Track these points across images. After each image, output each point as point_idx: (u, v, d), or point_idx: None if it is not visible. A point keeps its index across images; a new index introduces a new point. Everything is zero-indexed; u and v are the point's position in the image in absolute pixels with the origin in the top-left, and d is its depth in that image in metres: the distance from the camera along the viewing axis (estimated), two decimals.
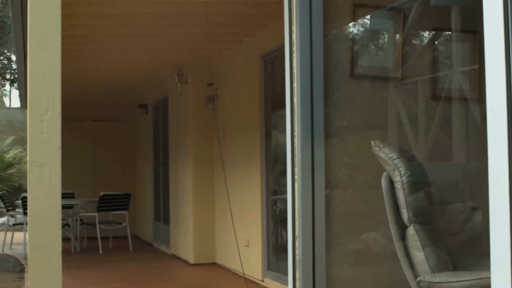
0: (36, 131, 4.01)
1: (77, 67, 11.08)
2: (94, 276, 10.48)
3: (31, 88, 4.06)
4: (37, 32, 4.08)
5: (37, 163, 4.00)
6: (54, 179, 4.00)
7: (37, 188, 3.99)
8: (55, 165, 4.01)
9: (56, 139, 4.02)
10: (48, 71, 4.03)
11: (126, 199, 13.79)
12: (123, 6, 8.03)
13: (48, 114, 4.00)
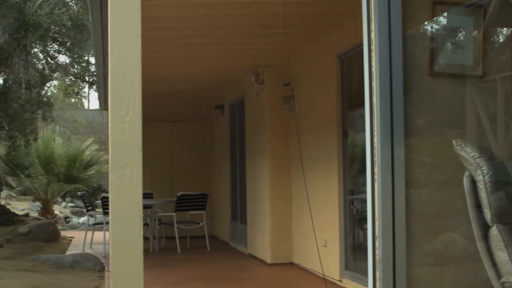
0: (117, 132, 4.07)
1: (155, 68, 11.21)
2: (172, 275, 10.59)
3: (112, 90, 4.12)
4: (118, 35, 4.15)
5: (118, 163, 4.06)
6: (135, 179, 4.06)
7: (119, 188, 4.06)
8: (136, 166, 4.06)
9: (137, 140, 4.07)
10: (128, 73, 4.09)
11: (204, 199, 13.89)
12: (200, 7, 8.09)
13: (129, 115, 4.06)
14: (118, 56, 4.11)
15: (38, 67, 16.83)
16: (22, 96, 17.06)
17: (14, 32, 14.94)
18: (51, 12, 14.52)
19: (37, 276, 10.75)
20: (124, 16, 4.13)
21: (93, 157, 23.40)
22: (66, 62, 17.86)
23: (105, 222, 13.33)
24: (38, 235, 15.62)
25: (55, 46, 17.27)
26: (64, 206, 28.26)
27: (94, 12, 7.84)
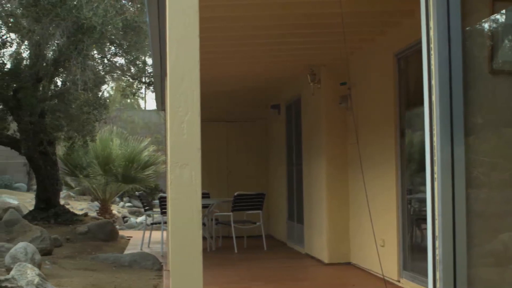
0: (176, 133, 4.10)
1: (211, 69, 11.28)
2: (230, 275, 10.63)
3: (171, 91, 4.15)
4: (176, 36, 4.18)
5: (177, 163, 4.08)
6: (194, 179, 4.08)
7: (178, 188, 4.08)
8: (195, 166, 4.09)
9: (195, 140, 4.10)
10: (187, 74, 4.12)
11: (260, 198, 13.92)
12: (256, 8, 8.11)
13: (188, 115, 4.09)
14: (177, 57, 4.14)
15: (95, 69, 17.04)
16: (80, 97, 17.30)
17: (71, 35, 15.16)
18: (105, 15, 14.69)
19: (96, 275, 10.88)
20: (182, 17, 4.15)
21: (151, 158, 23.62)
22: (123, 64, 18.03)
23: (162, 221, 13.45)
24: (97, 234, 15.83)
25: (112, 48, 17.47)
26: (122, 206, 28.60)
27: (151, 14, 7.92)
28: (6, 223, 13.69)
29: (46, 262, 11.52)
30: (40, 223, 15.94)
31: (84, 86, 15.65)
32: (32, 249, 10.27)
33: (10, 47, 17.57)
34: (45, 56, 16.27)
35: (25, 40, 16.46)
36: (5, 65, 17.53)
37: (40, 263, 10.29)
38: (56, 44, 15.38)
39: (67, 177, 24.11)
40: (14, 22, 16.44)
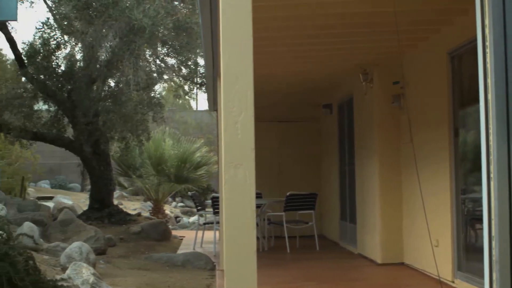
0: (230, 133, 4.12)
1: (264, 68, 11.29)
2: (282, 275, 10.62)
3: (225, 91, 4.17)
4: (229, 37, 4.19)
5: (232, 163, 4.10)
6: (248, 179, 4.09)
7: (232, 188, 4.10)
8: (249, 166, 4.10)
9: (249, 140, 4.11)
10: (240, 74, 4.13)
11: (313, 198, 13.89)
12: (309, 7, 8.09)
13: (241, 116, 4.10)
14: (230, 57, 4.16)
15: (148, 70, 17.18)
16: (134, 98, 17.47)
17: (124, 36, 15.31)
18: (155, 16, 14.81)
19: (150, 275, 10.98)
20: (235, 18, 4.17)
21: (203, 158, 23.74)
22: (175, 64, 18.15)
23: (215, 221, 13.50)
24: (150, 234, 15.97)
25: (164, 49, 17.60)
26: (175, 206, 28.81)
27: (203, 14, 7.95)
28: (61, 223, 13.88)
29: (100, 261, 11.66)
30: (94, 223, 16.14)
31: (136, 87, 15.79)
32: (86, 248, 10.40)
33: (64, 49, 17.84)
34: (98, 58, 16.46)
35: (78, 42, 16.68)
36: (59, 67, 17.79)
37: (95, 263, 10.42)
38: (108, 46, 15.54)
39: (120, 178, 24.37)
40: (67, 24, 16.66)
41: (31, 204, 16.29)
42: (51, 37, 17.39)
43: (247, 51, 4.16)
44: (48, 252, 11.34)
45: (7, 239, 6.49)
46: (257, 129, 4.22)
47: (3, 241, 6.41)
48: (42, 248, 11.31)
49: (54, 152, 30.57)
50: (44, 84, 17.45)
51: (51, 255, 11.16)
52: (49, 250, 11.45)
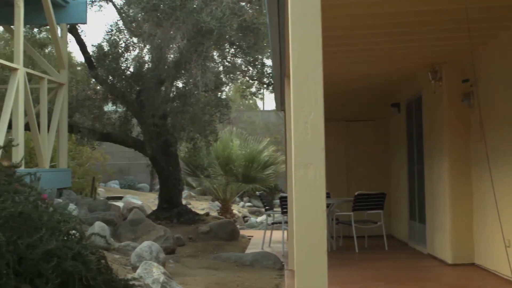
0: (300, 133, 4.11)
1: (332, 68, 11.25)
2: (352, 275, 10.58)
3: (294, 91, 4.17)
4: (298, 36, 4.19)
5: (302, 163, 4.10)
6: (319, 179, 4.08)
7: (302, 188, 4.09)
8: (319, 166, 4.09)
9: (319, 140, 4.10)
10: (310, 73, 4.13)
11: (381, 198, 13.80)
12: (378, 6, 8.04)
13: (311, 115, 4.09)
14: (299, 57, 4.15)
15: (215, 71, 17.29)
16: (201, 98, 17.59)
17: (191, 38, 15.44)
18: (222, 18, 14.89)
19: (219, 274, 11.04)
20: (305, 17, 4.16)
21: (270, 158, 23.78)
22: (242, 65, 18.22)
23: (283, 221, 13.51)
24: (219, 234, 16.06)
25: (232, 50, 17.69)
26: (242, 205, 28.93)
27: (271, 14, 7.97)
28: (131, 223, 14.06)
29: (169, 260, 11.77)
30: (163, 223, 16.31)
31: (205, 88, 15.90)
32: (156, 248, 10.51)
33: (132, 51, 18.09)
34: (166, 59, 16.63)
35: (146, 44, 16.87)
36: (128, 68, 18.04)
37: (164, 262, 10.52)
38: (176, 47, 15.69)
39: (188, 178, 24.58)
40: (136, 26, 16.88)
41: (102, 204, 16.53)
42: (119, 39, 17.65)
43: (316, 51, 4.15)
44: (119, 251, 11.50)
45: (80, 238, 6.58)
46: (325, 129, 4.21)
47: (76, 240, 6.51)
48: (113, 248, 11.47)
49: (123, 152, 31.04)
50: (113, 85, 17.72)
51: (122, 254, 11.31)
52: (120, 249, 11.60)
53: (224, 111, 18.18)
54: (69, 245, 6.17)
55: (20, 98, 14.62)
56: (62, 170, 17.27)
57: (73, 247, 6.17)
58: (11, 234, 6.00)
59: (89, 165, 27.14)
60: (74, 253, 6.12)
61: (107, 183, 33.03)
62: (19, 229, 6.14)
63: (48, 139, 16.58)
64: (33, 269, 5.95)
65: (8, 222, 6.01)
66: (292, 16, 4.22)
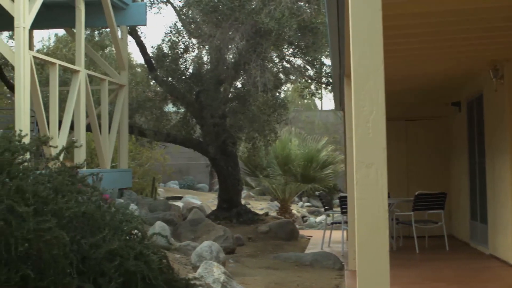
0: (361, 132, 4.11)
1: (392, 67, 11.17)
2: (411, 275, 10.49)
3: (355, 91, 4.16)
4: (359, 36, 4.18)
5: (363, 163, 4.09)
6: (380, 178, 4.07)
7: (364, 188, 4.08)
8: (381, 165, 4.08)
9: (381, 139, 4.09)
10: (371, 73, 4.12)
11: (442, 198, 13.65)
12: (439, 4, 7.95)
13: (373, 114, 4.08)
14: (361, 56, 4.15)
15: (274, 71, 17.31)
16: (260, 99, 17.63)
17: (250, 38, 15.49)
18: (281, 18, 14.90)
19: (279, 274, 11.06)
20: (365, 16, 4.15)
21: (329, 157, 23.71)
22: (301, 65, 18.21)
23: (343, 221, 13.46)
24: (278, 233, 16.09)
25: (290, 50, 17.69)
26: (301, 205, 28.90)
27: (330, 14, 7.95)
28: (190, 222, 14.16)
29: (229, 260, 11.83)
30: (222, 223, 16.38)
31: (263, 88, 15.93)
32: (216, 247, 10.57)
33: (191, 52, 18.22)
34: (225, 60, 16.71)
35: (205, 45, 16.97)
36: (187, 69, 18.18)
37: (224, 262, 10.58)
38: (235, 48, 15.75)
39: (247, 177, 24.65)
40: (195, 28, 17.00)
41: (162, 204, 16.69)
42: (179, 40, 17.80)
43: (378, 50, 4.14)
44: (179, 251, 11.59)
45: (142, 238, 6.66)
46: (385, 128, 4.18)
47: (138, 240, 6.59)
48: (173, 247, 11.57)
49: (183, 153, 31.25)
50: (173, 86, 17.87)
51: (182, 254, 11.40)
52: (180, 249, 11.69)
53: (282, 111, 18.19)
54: (131, 244, 6.26)
55: (81, 99, 14.86)
56: (123, 170, 17.49)
57: (135, 246, 6.25)
58: (74, 234, 6.10)
59: (149, 165, 27.41)
60: (136, 253, 6.20)
61: (166, 183, 33.31)
62: (83, 229, 6.24)
63: (109, 140, 16.81)
64: (96, 268, 6.04)
65: (72, 222, 6.11)
66: (353, 15, 4.21)
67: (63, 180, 6.32)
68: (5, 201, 5.58)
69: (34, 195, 5.81)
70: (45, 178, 6.33)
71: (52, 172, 6.52)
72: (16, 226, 5.52)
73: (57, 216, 5.87)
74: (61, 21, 17.73)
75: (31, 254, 5.76)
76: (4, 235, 5.53)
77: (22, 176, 6.06)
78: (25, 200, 5.72)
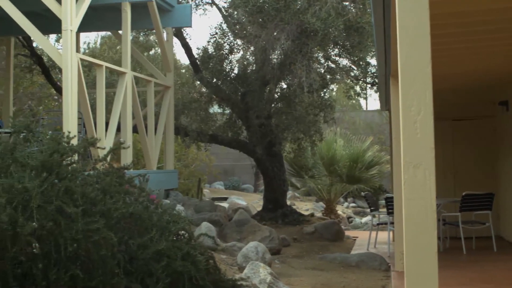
0: (409, 132, 4.08)
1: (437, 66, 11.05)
2: (458, 277, 10.38)
3: (403, 91, 4.14)
4: (406, 35, 4.15)
5: (411, 163, 4.06)
6: (428, 179, 4.04)
7: (412, 188, 4.06)
8: (429, 165, 4.05)
9: (429, 139, 4.06)
10: (419, 72, 4.09)
11: (489, 198, 13.49)
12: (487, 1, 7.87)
13: (420, 114, 4.06)
14: (407, 56, 4.12)
15: (320, 71, 17.28)
16: (305, 99, 17.61)
17: (296, 39, 15.47)
18: (326, 18, 14.86)
19: (324, 275, 11.04)
20: (412, 16, 4.12)
21: (375, 158, 23.58)
22: (347, 65, 18.15)
23: (389, 222, 13.38)
24: (323, 234, 16.06)
25: (336, 50, 17.63)
26: (346, 206, 28.79)
27: (376, 13, 7.91)
28: (236, 223, 14.20)
29: (275, 261, 11.84)
30: (268, 223, 16.40)
31: (309, 88, 15.91)
32: (262, 248, 10.59)
33: (237, 53, 18.26)
34: (271, 60, 16.72)
35: (251, 45, 16.99)
36: (232, 70, 18.22)
37: (270, 262, 10.59)
38: (281, 48, 15.75)
39: (292, 178, 24.63)
40: (240, 29, 17.04)
41: (208, 204, 16.75)
42: (224, 41, 17.85)
43: (425, 50, 4.11)
44: (225, 252, 11.63)
45: (189, 239, 6.71)
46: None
47: (185, 241, 6.63)
48: (219, 248, 11.62)
49: (228, 154, 31.36)
50: (218, 87, 17.93)
51: (228, 254, 11.44)
52: (226, 249, 11.74)
53: (328, 111, 18.15)
54: (178, 245, 6.30)
55: (128, 101, 14.98)
56: (169, 171, 17.60)
57: (183, 247, 6.29)
58: (122, 234, 6.16)
59: (194, 166, 27.54)
60: (183, 253, 6.24)
61: (212, 184, 33.44)
62: (130, 230, 6.30)
63: (155, 141, 16.92)
64: (143, 268, 6.10)
65: (120, 223, 6.18)
66: (400, 15, 4.19)
67: (111, 181, 6.39)
68: (54, 202, 5.66)
69: (82, 196, 5.88)
70: (93, 179, 6.41)
71: (100, 173, 6.60)
72: (65, 226, 5.60)
73: (105, 216, 5.93)
74: (107, 24, 17.90)
75: (80, 254, 5.84)
76: (53, 236, 5.61)
77: (70, 177, 6.14)
78: (74, 201, 5.80)
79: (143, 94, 18.71)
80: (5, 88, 19.10)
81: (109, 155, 7.05)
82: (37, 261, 5.64)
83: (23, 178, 5.77)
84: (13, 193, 5.65)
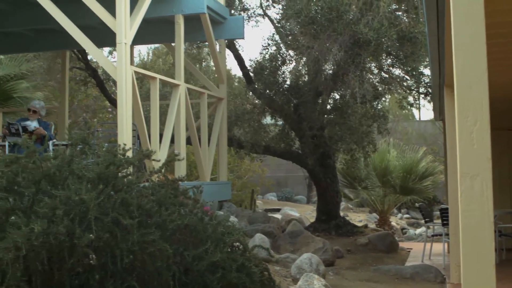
0: (465, 143, 4.04)
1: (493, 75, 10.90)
2: None
3: (458, 100, 4.10)
4: (462, 45, 4.12)
5: (468, 174, 4.02)
6: (486, 190, 3.99)
7: (469, 199, 4.01)
8: (486, 176, 4.00)
9: (486, 149, 4.01)
10: (475, 82, 4.05)
11: None
12: None
13: (477, 125, 4.01)
14: (463, 65, 4.08)
15: (373, 82, 17.20)
16: (358, 110, 17.54)
17: (348, 49, 15.43)
18: (379, 28, 14.79)
19: (379, 287, 10.96)
20: (468, 25, 4.09)
21: (428, 168, 23.36)
22: (400, 75, 18.02)
23: (444, 233, 13.24)
24: (377, 246, 15.94)
25: (389, 60, 17.54)
26: (400, 217, 28.56)
27: (430, 23, 7.86)
28: (289, 234, 14.17)
29: (329, 273, 11.78)
30: (321, 235, 16.33)
31: (362, 99, 15.85)
32: (316, 260, 10.55)
33: (289, 64, 18.27)
34: (323, 71, 16.69)
35: (303, 56, 16.98)
36: (285, 81, 18.23)
37: (324, 274, 10.54)
38: (333, 59, 15.71)
39: (345, 189, 24.52)
40: (292, 40, 17.06)
41: (261, 216, 16.74)
42: (277, 53, 17.88)
43: (481, 59, 4.07)
44: (279, 263, 11.61)
45: (244, 250, 6.72)
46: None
47: (240, 252, 6.65)
48: (273, 259, 11.60)
49: (281, 165, 31.35)
50: (271, 99, 17.95)
51: (282, 266, 11.42)
52: (280, 261, 11.72)
53: (382, 121, 18.04)
54: (233, 257, 6.31)
55: (181, 113, 15.07)
56: (222, 182, 17.65)
57: (237, 259, 6.30)
58: (177, 246, 6.19)
59: (247, 177, 27.59)
60: (238, 265, 6.25)
61: (264, 195, 33.44)
62: (185, 241, 6.33)
63: (209, 153, 16.99)
64: (198, 280, 6.12)
65: (175, 234, 6.21)
66: (455, 24, 4.16)
67: (166, 193, 6.43)
68: (111, 214, 5.72)
69: (138, 208, 5.93)
70: (148, 191, 6.47)
71: (155, 185, 6.65)
72: (121, 238, 5.65)
73: (160, 228, 5.98)
74: (160, 36, 18.05)
75: (136, 265, 5.89)
76: (110, 247, 5.67)
77: (126, 189, 6.20)
78: (130, 212, 5.85)
79: (197, 106, 18.81)
80: (61, 101, 19.39)
81: (164, 167, 7.10)
82: (94, 272, 5.71)
83: (80, 190, 5.84)
84: (70, 205, 5.73)
